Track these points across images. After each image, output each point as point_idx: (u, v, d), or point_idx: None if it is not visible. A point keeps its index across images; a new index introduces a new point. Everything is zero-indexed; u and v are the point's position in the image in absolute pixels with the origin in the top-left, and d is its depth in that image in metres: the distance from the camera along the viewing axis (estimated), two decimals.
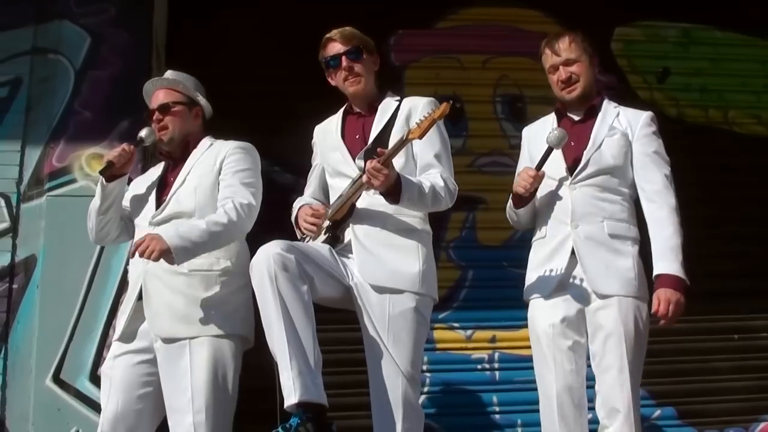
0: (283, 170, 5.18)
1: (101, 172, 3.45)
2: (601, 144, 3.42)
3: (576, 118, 3.53)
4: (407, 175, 3.19)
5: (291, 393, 2.80)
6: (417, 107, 3.36)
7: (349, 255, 3.28)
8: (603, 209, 3.36)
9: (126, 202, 3.65)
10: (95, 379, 4.22)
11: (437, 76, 5.55)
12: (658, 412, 5.13)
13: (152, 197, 3.55)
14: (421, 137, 3.09)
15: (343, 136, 3.47)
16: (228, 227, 3.31)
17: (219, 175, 3.48)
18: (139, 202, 3.60)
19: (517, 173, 3.57)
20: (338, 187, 3.37)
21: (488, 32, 5.66)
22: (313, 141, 3.66)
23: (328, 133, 3.54)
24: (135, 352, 3.38)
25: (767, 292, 5.32)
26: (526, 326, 3.55)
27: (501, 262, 5.07)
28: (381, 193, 3.15)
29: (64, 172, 4.56)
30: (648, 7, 5.84)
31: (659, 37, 5.94)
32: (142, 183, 3.68)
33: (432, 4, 5.65)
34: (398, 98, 3.46)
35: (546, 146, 3.36)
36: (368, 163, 3.06)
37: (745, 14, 5.87)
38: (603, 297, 3.28)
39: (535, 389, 3.50)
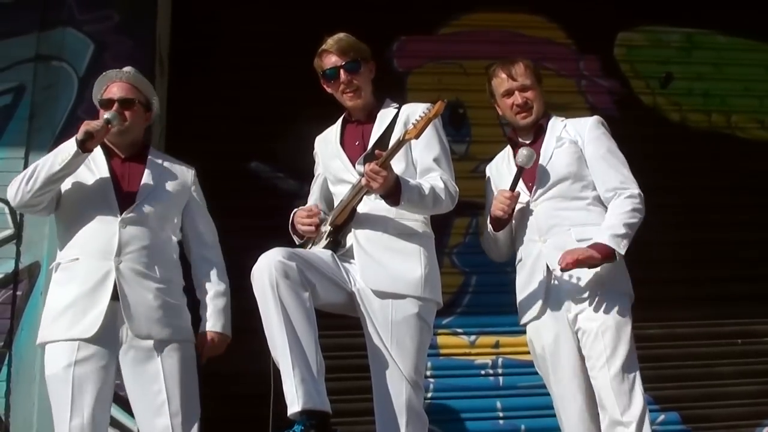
0: (287, 176, 5.19)
1: (81, 142, 3.31)
2: (551, 156, 3.48)
3: (527, 141, 3.57)
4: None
5: (294, 401, 2.79)
6: (415, 112, 3.32)
7: (351, 260, 3.28)
8: (568, 218, 3.39)
9: (66, 185, 3.50)
10: None
11: (440, 81, 5.56)
12: (662, 417, 5.12)
13: (107, 189, 3.48)
14: (417, 137, 3.10)
15: (342, 144, 3.47)
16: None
17: (186, 202, 3.63)
18: (89, 190, 3.49)
19: (485, 216, 3.65)
20: (340, 194, 3.37)
21: (491, 38, 5.66)
22: (314, 152, 3.66)
23: (328, 143, 3.55)
24: (100, 355, 3.30)
25: None
26: None
27: (504, 268, 5.05)
28: (381, 196, 3.15)
29: None
30: (651, 12, 5.85)
31: (662, 42, 5.94)
32: (82, 171, 3.51)
33: (435, 10, 5.66)
34: (397, 106, 3.46)
35: (518, 167, 3.43)
36: (366, 165, 3.07)
37: (748, 19, 5.87)
38: (579, 300, 3.31)
39: (539, 395, 3.52)
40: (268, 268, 2.94)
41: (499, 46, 5.59)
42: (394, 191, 3.10)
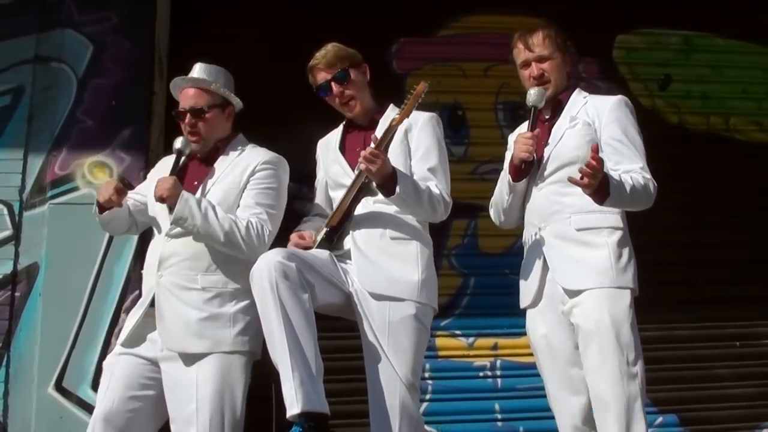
0: None
1: (99, 208, 3.42)
2: (561, 137, 3.28)
3: (546, 116, 3.39)
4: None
5: (293, 403, 2.79)
6: (417, 121, 3.37)
7: (349, 261, 3.28)
8: (570, 204, 3.19)
9: (146, 194, 3.52)
10: (97, 387, 4.20)
11: (439, 83, 5.53)
12: (660, 420, 5.12)
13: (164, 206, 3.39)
14: (401, 121, 3.17)
15: (343, 149, 3.48)
16: (238, 244, 3.26)
17: (243, 190, 3.41)
18: (155, 205, 3.43)
19: (501, 177, 3.47)
20: (339, 198, 3.37)
21: (489, 40, 5.66)
22: (316, 155, 3.67)
23: (329, 148, 3.56)
24: (139, 356, 3.32)
25: None
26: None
27: (503, 270, 5.06)
28: (377, 186, 3.15)
29: (66, 180, 4.56)
30: (649, 14, 5.86)
31: (660, 44, 5.95)
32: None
33: (433, 12, 5.66)
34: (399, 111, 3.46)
35: (531, 108, 3.28)
36: (364, 151, 3.08)
37: (747, 21, 5.88)
38: (575, 294, 3.15)
39: (537, 397, 3.48)
40: (267, 269, 2.94)
41: (497, 48, 5.59)
42: (391, 179, 3.10)
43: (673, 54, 5.95)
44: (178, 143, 3.43)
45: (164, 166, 3.54)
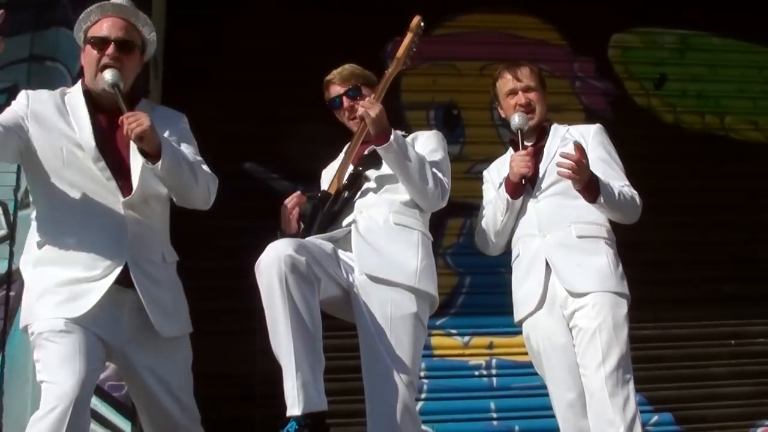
0: (281, 177, 5.18)
1: None
2: (554, 154, 3.45)
3: (530, 143, 3.54)
4: None
5: (294, 403, 2.77)
6: (423, 133, 3.48)
7: (349, 252, 3.26)
8: (569, 215, 3.38)
9: (43, 146, 2.91)
10: None
11: (434, 83, 5.57)
12: (655, 418, 5.13)
13: (93, 154, 2.88)
14: (402, 59, 3.38)
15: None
16: (203, 180, 2.99)
17: (180, 143, 3.06)
18: (73, 157, 2.89)
19: (482, 209, 3.67)
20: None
21: (485, 39, 5.67)
22: (321, 179, 3.62)
23: (332, 167, 3.55)
24: (96, 335, 2.83)
25: (764, 297, 5.35)
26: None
27: (498, 269, 5.05)
28: (373, 137, 3.20)
29: None
30: (645, 13, 5.87)
31: (656, 43, 5.97)
32: (60, 127, 2.94)
33: (429, 11, 5.64)
34: (404, 133, 3.48)
35: (516, 133, 3.47)
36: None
37: (742, 21, 5.89)
38: (579, 296, 3.28)
39: (532, 395, 3.50)
40: (277, 262, 2.87)
41: (493, 47, 5.61)
42: (386, 131, 3.17)
43: (669, 53, 5.97)
44: (111, 76, 2.83)
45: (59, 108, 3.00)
